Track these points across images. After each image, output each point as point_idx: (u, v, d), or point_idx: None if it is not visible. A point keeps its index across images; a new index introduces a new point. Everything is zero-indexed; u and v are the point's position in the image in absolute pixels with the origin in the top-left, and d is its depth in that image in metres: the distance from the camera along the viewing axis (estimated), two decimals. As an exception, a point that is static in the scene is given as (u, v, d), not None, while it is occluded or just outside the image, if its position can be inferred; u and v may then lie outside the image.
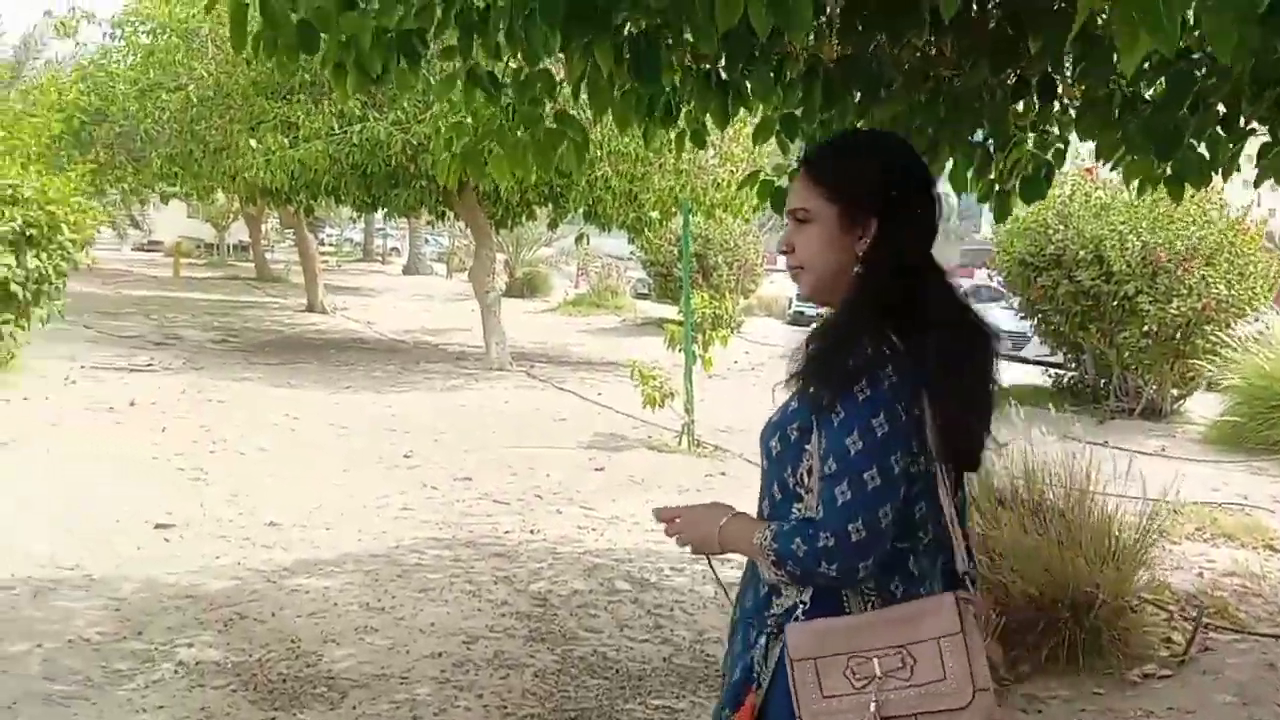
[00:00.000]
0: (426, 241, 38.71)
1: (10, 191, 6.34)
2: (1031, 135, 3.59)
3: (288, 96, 12.64)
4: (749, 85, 3.08)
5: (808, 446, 1.67)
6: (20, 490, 6.33)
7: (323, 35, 2.89)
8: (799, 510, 1.68)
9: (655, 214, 13.35)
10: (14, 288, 6.23)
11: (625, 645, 4.49)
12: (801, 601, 1.67)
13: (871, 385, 1.60)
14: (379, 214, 18.93)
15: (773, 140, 3.64)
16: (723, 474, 7.97)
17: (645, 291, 24.46)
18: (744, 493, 2.06)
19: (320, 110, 12.14)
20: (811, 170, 1.79)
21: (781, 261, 1.91)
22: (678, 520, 1.85)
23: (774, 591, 1.70)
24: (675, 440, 8.91)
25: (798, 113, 3.33)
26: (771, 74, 2.95)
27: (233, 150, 12.63)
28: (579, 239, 13.87)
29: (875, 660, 1.59)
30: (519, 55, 2.91)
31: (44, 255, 6.45)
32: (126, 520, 5.90)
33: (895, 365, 1.61)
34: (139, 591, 4.83)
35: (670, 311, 20.75)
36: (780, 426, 1.75)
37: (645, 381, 8.54)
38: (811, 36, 3.08)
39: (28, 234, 6.37)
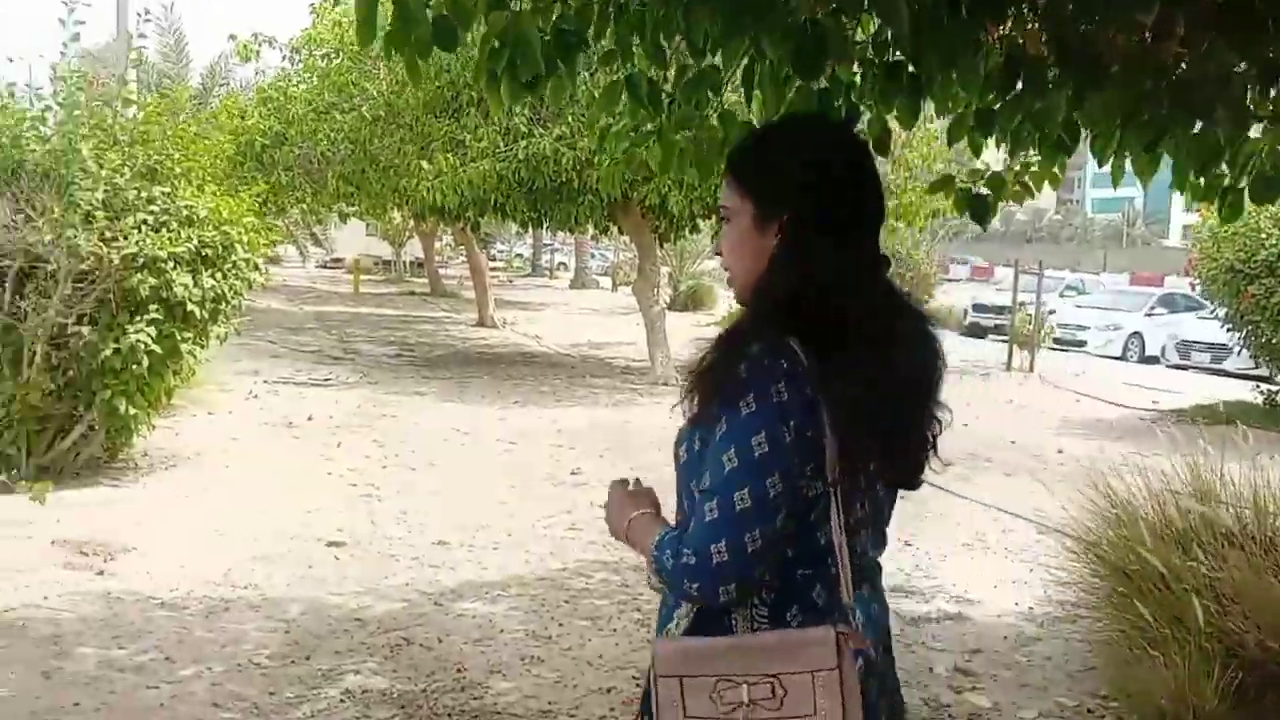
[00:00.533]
0: (593, 256, 39.08)
1: (186, 212, 6.47)
2: (1274, 128, 3.12)
3: (456, 115, 12.82)
4: (946, 78, 2.73)
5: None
6: (200, 506, 6.47)
7: (474, 37, 2.71)
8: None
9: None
10: (191, 307, 6.32)
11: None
12: (685, 617, 1.58)
13: (758, 400, 1.47)
14: (545, 229, 19.04)
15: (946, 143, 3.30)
16: (900, 497, 7.52)
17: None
18: (925, 518, 1.74)
19: (487, 128, 12.23)
20: (730, 164, 1.68)
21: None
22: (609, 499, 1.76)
23: (676, 603, 1.61)
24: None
25: (994, 107, 2.97)
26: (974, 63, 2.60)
27: (404, 169, 12.87)
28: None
29: (745, 687, 1.49)
30: (681, 52, 2.66)
31: (219, 275, 6.54)
32: (300, 537, 5.94)
33: (788, 380, 1.48)
34: (307, 613, 4.80)
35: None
36: (688, 435, 1.61)
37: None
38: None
39: (203, 254, 6.47)
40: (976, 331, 22.51)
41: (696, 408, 1.57)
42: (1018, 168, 3.32)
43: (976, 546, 6.42)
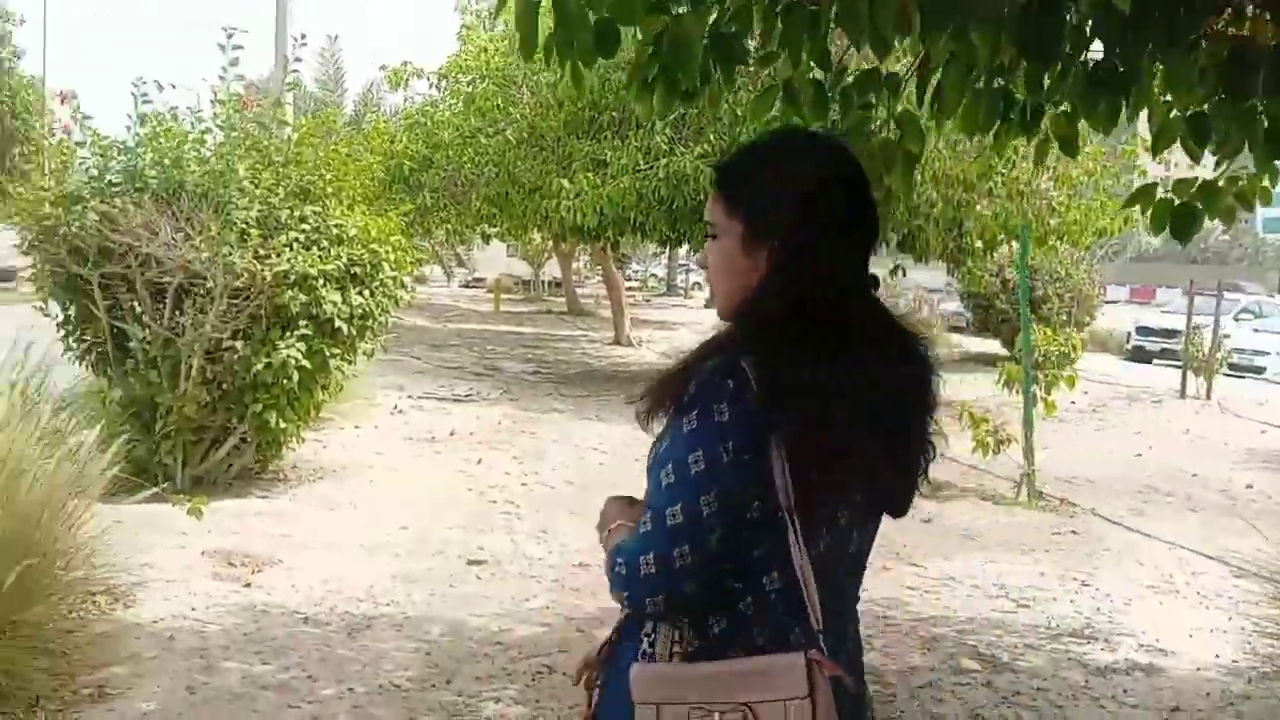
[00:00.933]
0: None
1: (337, 231, 6.55)
2: None
3: (596, 135, 12.85)
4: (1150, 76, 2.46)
5: None
6: (345, 520, 6.52)
7: (626, 45, 2.58)
8: None
9: (979, 243, 12.44)
10: (339, 324, 6.38)
11: (969, 737, 3.90)
12: (646, 634, 1.57)
13: (699, 418, 1.47)
14: (683, 249, 18.95)
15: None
16: (1072, 531, 7.11)
17: (961, 325, 23.20)
18: (1101, 555, 1.50)
19: (626, 147, 12.21)
20: (718, 180, 1.64)
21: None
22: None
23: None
24: (1013, 491, 8.08)
25: (1204, 109, 2.67)
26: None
27: (546, 190, 12.95)
28: (894, 270, 13.11)
29: (717, 714, 1.47)
30: (856, 51, 2.46)
31: (367, 293, 6.60)
32: (442, 554, 5.91)
33: (730, 402, 1.45)
34: (448, 634, 4.74)
35: (992, 347, 19.53)
36: (653, 446, 1.58)
37: (977, 425, 7.79)
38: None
39: (352, 272, 6.54)
40: (1141, 356, 21.44)
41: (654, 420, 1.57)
42: (1222, 181, 2.99)
43: (1164, 589, 5.96)
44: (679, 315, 31.51)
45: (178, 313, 6.57)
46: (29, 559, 3.72)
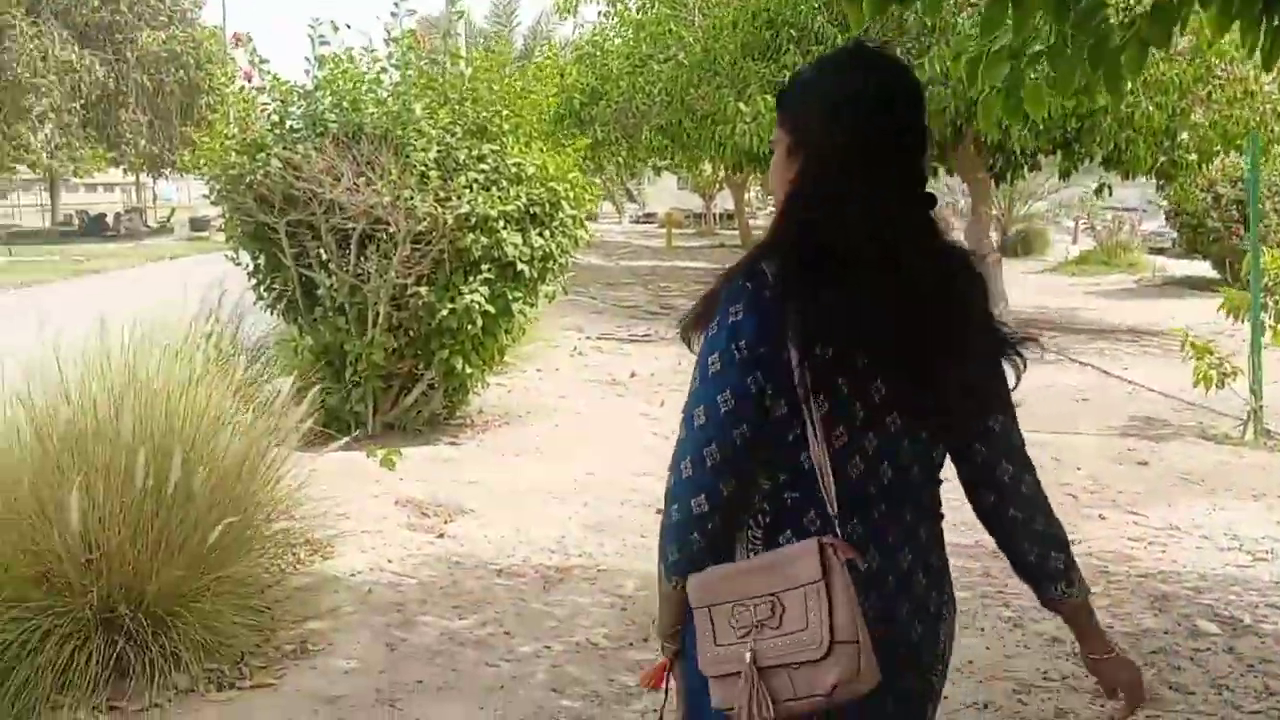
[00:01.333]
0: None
1: (515, 170, 6.35)
2: None
3: (775, 56, 12.29)
4: None
5: None
6: (532, 466, 6.42)
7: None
8: None
9: (1193, 155, 11.37)
10: (521, 266, 6.21)
11: (1232, 715, 3.44)
12: None
13: (718, 323, 1.54)
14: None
15: None
16: (1307, 475, 6.39)
17: (1164, 246, 21.65)
18: None
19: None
20: (778, 96, 1.71)
21: None
22: None
23: None
24: (1238, 430, 7.34)
25: None
26: None
27: (720, 116, 12.51)
28: (1099, 189, 12.13)
29: (753, 607, 1.51)
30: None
31: (547, 233, 6.41)
32: (629, 503, 5.73)
33: (746, 300, 1.52)
34: (642, 588, 4.53)
35: (1199, 269, 18.12)
36: None
37: (1200, 356, 7.07)
38: None
39: (531, 212, 6.35)
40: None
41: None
42: None
43: None
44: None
45: (362, 259, 6.54)
46: (231, 516, 3.68)
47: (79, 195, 61.69)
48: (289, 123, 6.69)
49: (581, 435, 7.16)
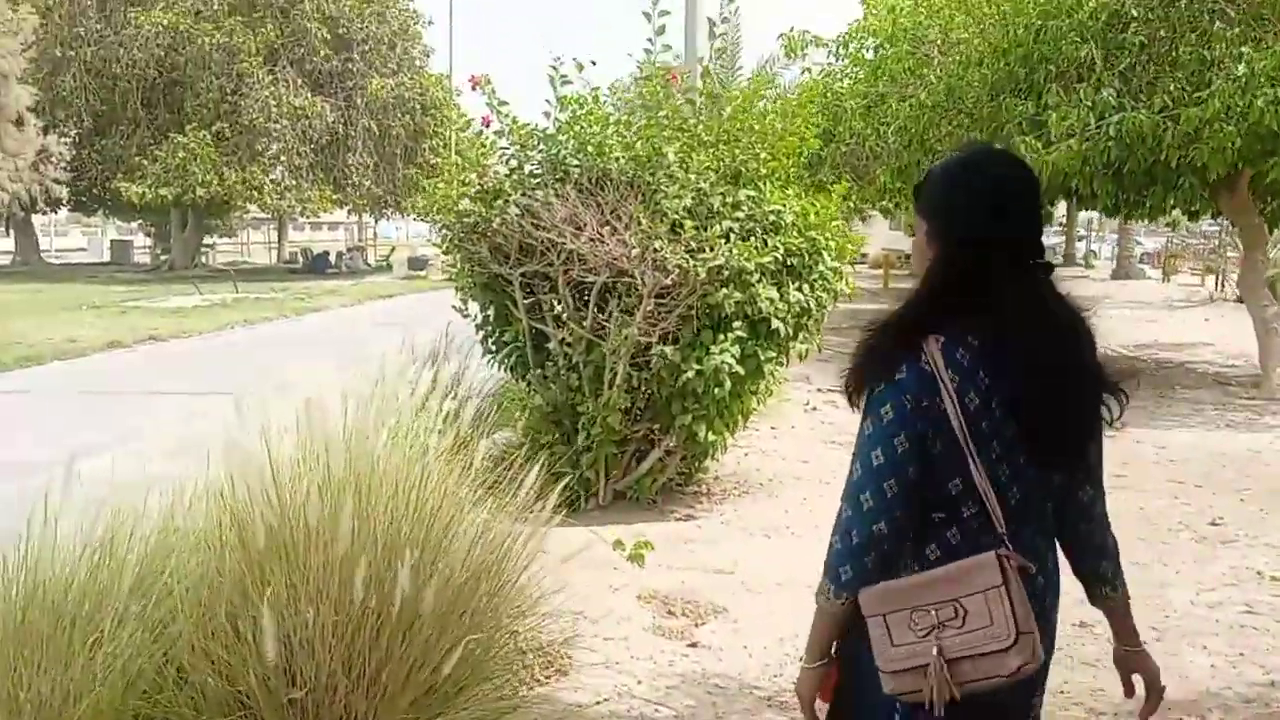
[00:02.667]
0: (1139, 243, 35.09)
1: (773, 218, 5.66)
2: None
3: (1028, 94, 11.24)
4: None
5: None
6: (783, 550, 5.66)
7: None
8: None
9: None
10: (775, 323, 5.50)
11: None
12: None
13: (885, 381, 1.85)
14: (1120, 216, 16.80)
15: None
16: None
17: None
18: None
19: (1073, 102, 10.50)
20: (916, 190, 2.03)
21: None
22: None
23: None
24: None
25: None
26: None
27: (967, 157, 11.55)
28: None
29: (933, 611, 1.79)
30: None
31: (806, 286, 5.68)
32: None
33: (909, 363, 1.83)
34: None
35: None
36: None
37: None
38: None
39: (789, 264, 5.63)
40: None
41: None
42: None
43: None
44: (1084, 288, 28.36)
45: (599, 314, 5.99)
46: (470, 634, 3.09)
47: (305, 234, 65.29)
48: (527, 168, 6.23)
49: (833, 511, 6.35)
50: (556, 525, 4.60)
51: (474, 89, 6.22)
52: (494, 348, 6.71)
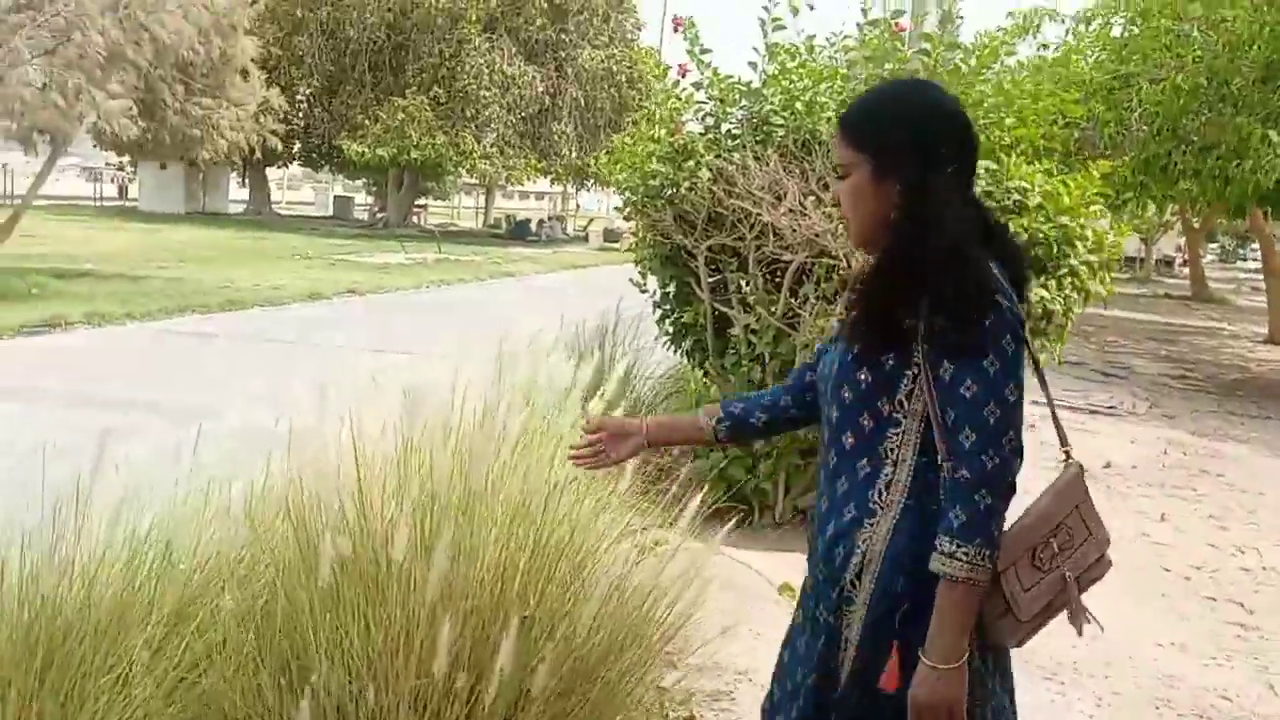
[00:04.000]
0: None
1: (1016, 197, 4.65)
2: None
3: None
4: None
5: (907, 383, 1.78)
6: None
7: None
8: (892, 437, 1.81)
9: None
10: (1010, 326, 4.47)
11: None
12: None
13: (996, 324, 1.71)
14: None
15: None
16: None
17: None
18: None
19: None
20: (844, 125, 1.87)
21: None
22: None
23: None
24: None
25: None
26: None
27: (1240, 147, 10.02)
28: None
29: (1052, 542, 1.80)
30: None
31: (1053, 283, 4.64)
32: (1165, 708, 3.85)
33: (1010, 317, 1.73)
34: None
35: None
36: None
37: None
38: None
39: (1033, 253, 4.60)
40: None
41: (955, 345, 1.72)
42: None
43: None
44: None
45: (793, 299, 5.13)
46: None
47: (513, 201, 66.57)
48: (725, 126, 5.39)
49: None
50: (722, 547, 3.84)
51: (676, 30, 5.42)
52: (671, 329, 5.95)
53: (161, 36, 12.26)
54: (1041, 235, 4.76)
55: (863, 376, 1.80)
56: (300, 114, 36.48)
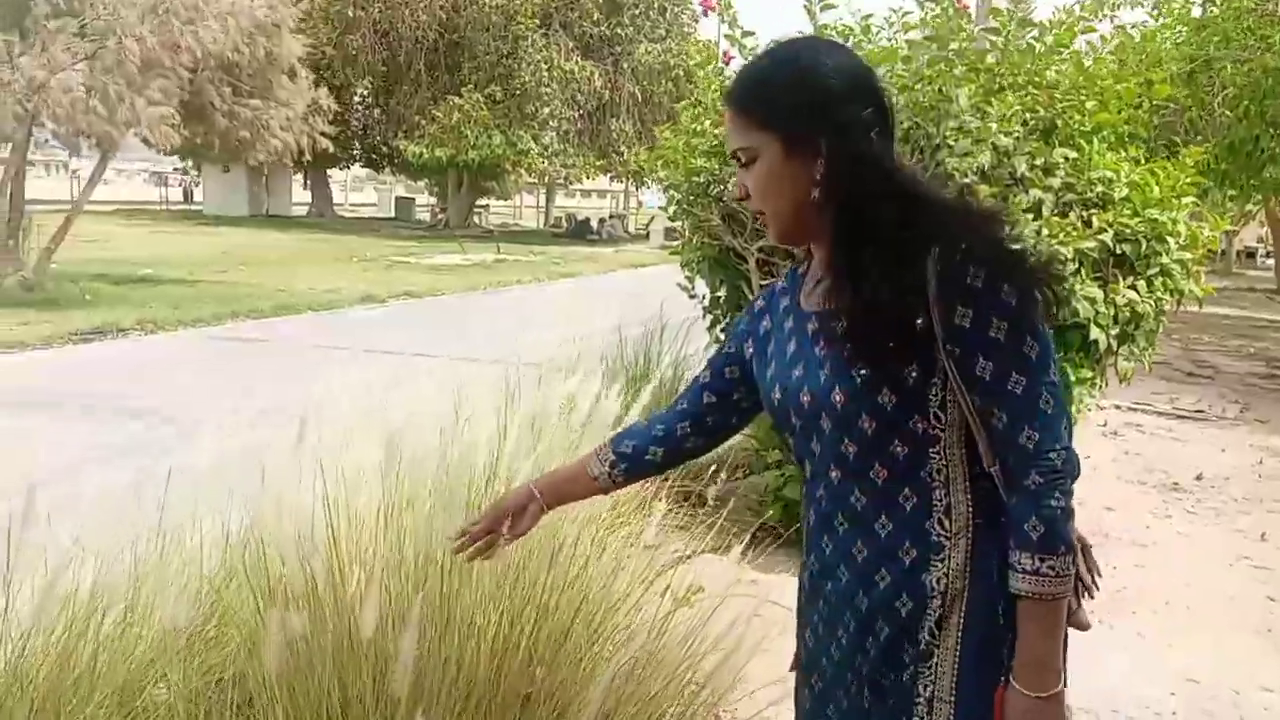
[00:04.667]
0: None
1: (1100, 189, 4.17)
2: None
3: None
4: None
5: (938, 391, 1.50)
6: (1098, 657, 4.19)
7: None
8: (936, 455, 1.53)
9: None
10: (1094, 332, 4.02)
11: None
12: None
13: (1026, 300, 1.48)
14: None
15: None
16: None
17: None
18: None
19: None
20: (736, 105, 1.60)
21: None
22: None
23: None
24: None
25: None
26: None
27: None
28: None
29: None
30: None
31: (1141, 283, 4.16)
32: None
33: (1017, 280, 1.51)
34: None
35: None
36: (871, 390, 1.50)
37: None
38: None
39: (1118, 251, 4.13)
40: None
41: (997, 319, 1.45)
42: None
43: None
44: None
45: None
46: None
47: (574, 200, 66.50)
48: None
49: (1155, 589, 4.79)
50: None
51: (706, 14, 5.03)
52: (722, 336, 5.55)
53: (204, 40, 12.13)
54: (1129, 231, 4.28)
55: (885, 399, 1.50)
56: (357, 115, 36.57)
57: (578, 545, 2.30)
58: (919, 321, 1.46)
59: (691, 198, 5.11)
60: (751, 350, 1.75)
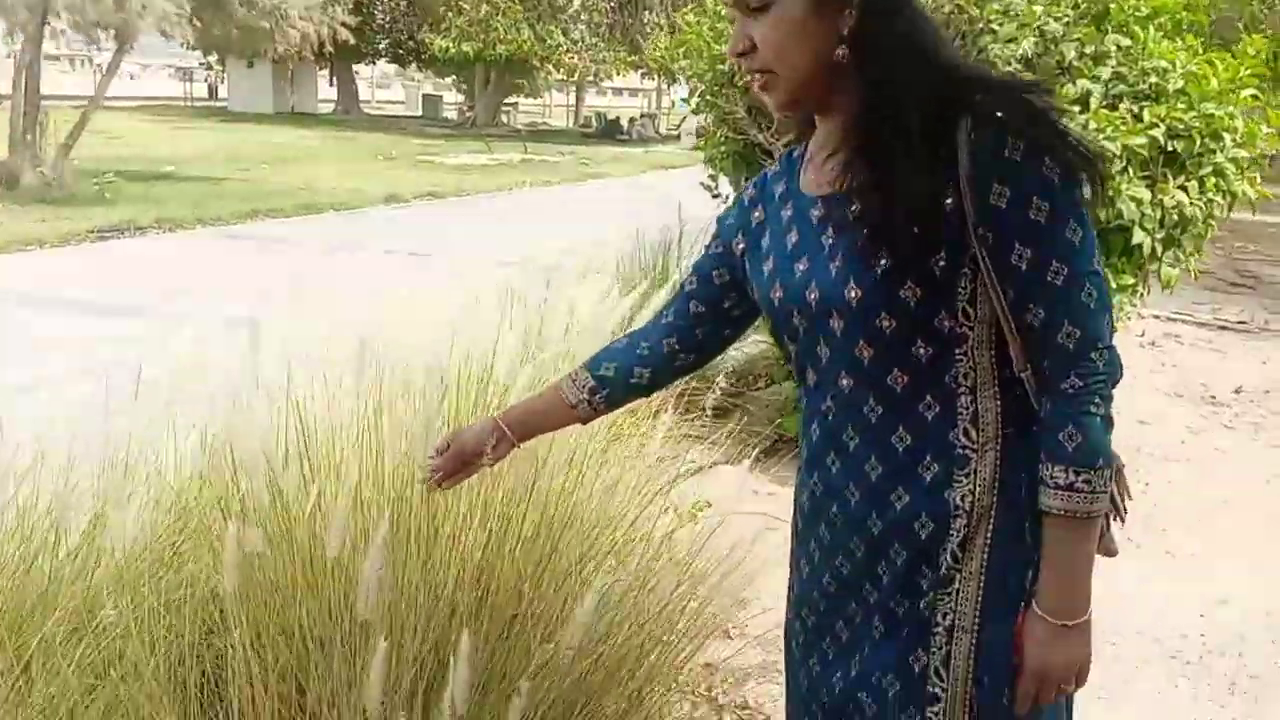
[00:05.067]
0: None
1: (1153, 80, 3.88)
2: None
3: None
4: None
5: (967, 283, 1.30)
6: (1129, 574, 4.03)
7: None
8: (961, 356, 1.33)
9: None
10: (1139, 235, 3.77)
11: None
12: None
13: (1069, 182, 1.29)
14: None
15: None
16: None
17: None
18: None
19: None
20: None
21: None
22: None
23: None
24: None
25: None
26: None
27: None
28: None
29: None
30: None
31: (1193, 184, 3.89)
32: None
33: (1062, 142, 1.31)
34: None
35: None
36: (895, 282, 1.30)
37: None
38: None
39: (1169, 149, 3.85)
40: None
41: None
42: None
43: None
44: None
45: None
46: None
47: (606, 98, 65.41)
48: None
49: (1188, 506, 4.60)
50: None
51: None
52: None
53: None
54: (1182, 126, 3.99)
55: (909, 294, 1.30)
56: (382, 6, 35.83)
57: (574, 456, 2.14)
58: (948, 202, 1.25)
59: (715, 88, 4.84)
60: (743, 247, 1.53)
